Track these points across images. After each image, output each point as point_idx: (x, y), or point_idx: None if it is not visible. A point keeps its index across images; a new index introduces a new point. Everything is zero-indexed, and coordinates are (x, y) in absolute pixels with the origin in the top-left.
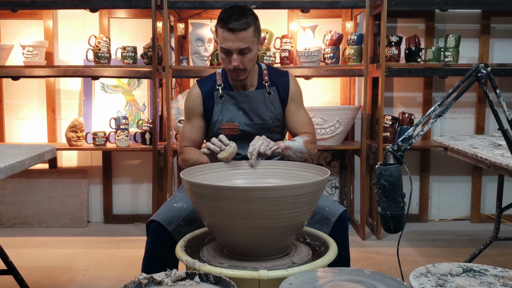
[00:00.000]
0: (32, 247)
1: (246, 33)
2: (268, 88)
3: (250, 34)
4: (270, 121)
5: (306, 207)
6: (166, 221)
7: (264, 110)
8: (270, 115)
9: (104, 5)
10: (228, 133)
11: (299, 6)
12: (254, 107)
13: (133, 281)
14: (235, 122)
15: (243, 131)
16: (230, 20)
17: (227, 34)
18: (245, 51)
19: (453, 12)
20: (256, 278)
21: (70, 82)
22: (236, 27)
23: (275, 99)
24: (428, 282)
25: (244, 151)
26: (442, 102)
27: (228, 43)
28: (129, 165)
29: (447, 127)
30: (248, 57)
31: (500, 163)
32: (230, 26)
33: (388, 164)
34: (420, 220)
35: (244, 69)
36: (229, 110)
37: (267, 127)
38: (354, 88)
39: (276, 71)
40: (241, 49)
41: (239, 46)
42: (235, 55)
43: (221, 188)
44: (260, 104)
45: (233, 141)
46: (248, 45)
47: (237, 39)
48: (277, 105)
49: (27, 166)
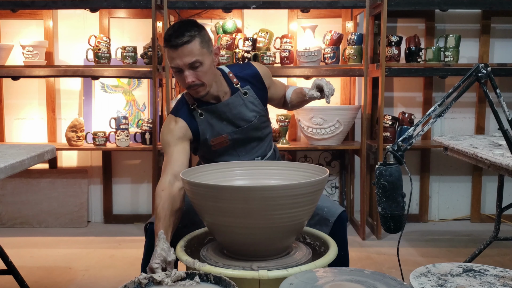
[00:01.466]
0: (32, 247)
1: (190, 46)
2: (242, 88)
3: (196, 46)
4: (256, 120)
5: (306, 207)
6: None
7: (246, 112)
8: (253, 114)
9: (104, 5)
10: (219, 147)
11: (299, 6)
12: (237, 113)
13: (133, 281)
14: (223, 134)
15: (233, 140)
16: (171, 37)
17: (172, 52)
18: (195, 65)
19: (453, 12)
20: (256, 278)
21: (70, 82)
22: (179, 42)
23: (253, 97)
24: (428, 282)
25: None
26: (442, 102)
27: (176, 61)
28: (129, 165)
29: (447, 127)
30: (202, 71)
31: (500, 163)
32: (172, 43)
33: (388, 164)
34: (420, 220)
35: (201, 84)
36: (213, 125)
37: (255, 127)
38: (354, 88)
39: (239, 67)
40: (190, 64)
41: (187, 61)
42: (187, 71)
43: (221, 188)
44: (241, 108)
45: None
46: (196, 58)
47: (183, 54)
48: (257, 102)
49: (27, 166)
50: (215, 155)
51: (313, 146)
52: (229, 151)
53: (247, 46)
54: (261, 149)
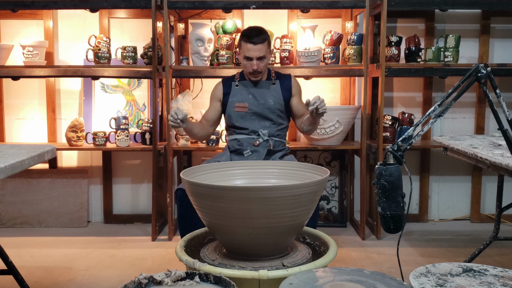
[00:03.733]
0: (32, 247)
1: (263, 46)
2: (274, 80)
3: (266, 46)
4: (273, 103)
5: (306, 207)
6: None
7: (268, 95)
8: (273, 99)
9: (104, 5)
10: (239, 110)
11: (299, 6)
12: (260, 92)
13: (133, 281)
14: (245, 102)
15: (251, 110)
16: (253, 36)
17: (251, 46)
18: (261, 58)
19: (453, 12)
20: (256, 278)
21: (70, 82)
22: (257, 41)
23: (277, 89)
24: (428, 282)
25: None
26: (442, 102)
27: (251, 52)
28: (129, 165)
29: (447, 127)
30: (264, 63)
31: (500, 163)
32: (253, 40)
33: (388, 164)
34: (420, 220)
35: (260, 72)
36: (241, 93)
37: (270, 107)
38: (354, 88)
39: (281, 74)
40: (259, 57)
41: (258, 55)
42: (255, 61)
43: (221, 188)
44: (265, 91)
45: (238, 116)
46: (264, 54)
47: (257, 49)
48: (279, 93)
49: (27, 166)
50: (235, 117)
51: (313, 146)
52: (246, 118)
53: None
54: (271, 129)
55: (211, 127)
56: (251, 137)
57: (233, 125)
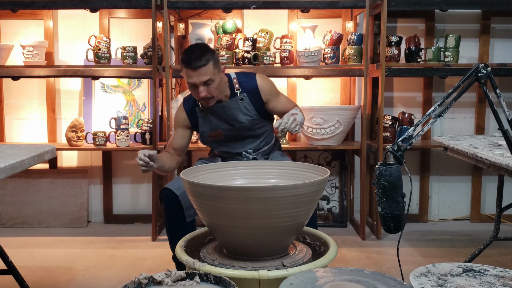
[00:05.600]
0: (32, 247)
1: (206, 68)
2: (240, 95)
3: (210, 68)
4: (248, 123)
5: (306, 207)
6: (175, 186)
7: (240, 115)
8: (246, 118)
9: (104, 5)
10: (215, 139)
11: (299, 6)
12: (231, 115)
13: (133, 281)
14: (219, 129)
15: (227, 135)
16: (191, 60)
17: (190, 72)
18: (208, 83)
19: (453, 12)
20: (256, 278)
21: (70, 82)
22: (197, 65)
23: (248, 104)
24: (428, 282)
25: (233, 149)
26: (442, 102)
27: (193, 79)
28: (129, 165)
29: (447, 127)
30: (213, 87)
31: (500, 163)
32: (192, 66)
33: (388, 164)
34: (420, 220)
35: (211, 97)
36: (211, 121)
37: (247, 127)
38: (354, 88)
39: (244, 76)
40: (205, 82)
41: (202, 80)
42: (201, 87)
43: (220, 188)
44: (235, 111)
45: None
46: (210, 77)
47: (200, 74)
48: (250, 108)
49: (27, 166)
50: (213, 145)
51: (313, 146)
52: (225, 143)
53: (247, 46)
54: (254, 143)
55: (180, 156)
56: (235, 157)
57: (212, 150)
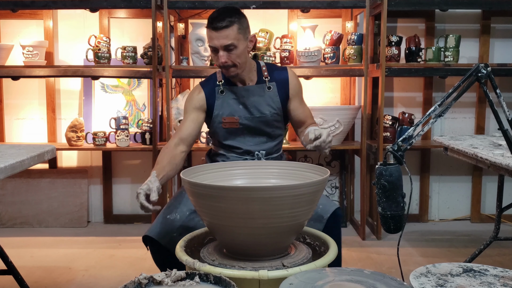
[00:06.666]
0: (32, 247)
1: (229, 31)
2: (268, 83)
3: (234, 31)
4: (269, 115)
5: (306, 207)
6: (159, 236)
7: (263, 104)
8: (269, 109)
9: (104, 5)
10: (228, 126)
11: (299, 6)
12: (253, 101)
13: (133, 281)
14: (235, 116)
15: (243, 125)
16: (214, 20)
17: (212, 33)
18: (230, 48)
19: (453, 12)
20: (256, 278)
21: (70, 82)
22: (219, 26)
23: (274, 94)
24: (428, 282)
25: (245, 145)
26: (442, 102)
27: (213, 41)
28: (129, 165)
29: (447, 127)
30: (235, 53)
31: (500, 163)
32: (213, 25)
33: (388, 164)
34: (420, 220)
35: (232, 65)
36: (229, 104)
37: (266, 121)
38: (354, 88)
39: (275, 67)
40: (226, 46)
41: (223, 43)
42: (221, 52)
43: (221, 188)
44: (259, 99)
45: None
46: (232, 41)
47: (221, 36)
48: (276, 100)
49: (27, 166)
50: (224, 134)
51: None
52: (237, 135)
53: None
54: (268, 146)
55: (187, 147)
56: (243, 157)
57: (219, 143)
